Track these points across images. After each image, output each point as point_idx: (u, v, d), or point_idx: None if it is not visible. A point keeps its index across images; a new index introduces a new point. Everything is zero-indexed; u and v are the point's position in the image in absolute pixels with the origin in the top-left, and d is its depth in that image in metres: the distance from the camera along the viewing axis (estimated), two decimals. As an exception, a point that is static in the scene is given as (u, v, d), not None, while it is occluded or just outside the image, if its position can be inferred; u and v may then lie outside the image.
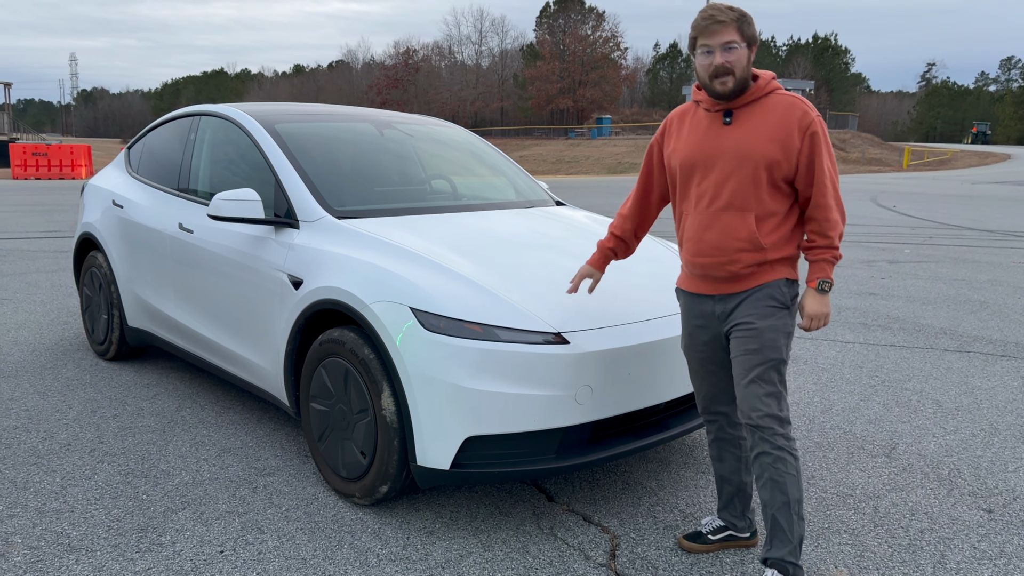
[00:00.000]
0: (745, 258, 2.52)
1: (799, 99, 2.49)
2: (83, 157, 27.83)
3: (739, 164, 2.48)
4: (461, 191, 4.44)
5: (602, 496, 3.26)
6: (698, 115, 2.62)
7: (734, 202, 2.50)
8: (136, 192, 4.76)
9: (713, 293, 2.62)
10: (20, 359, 5.03)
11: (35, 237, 10.79)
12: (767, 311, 2.54)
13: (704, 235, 2.56)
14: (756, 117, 2.49)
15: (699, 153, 2.56)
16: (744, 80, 2.47)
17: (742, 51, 2.44)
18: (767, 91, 2.53)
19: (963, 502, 3.27)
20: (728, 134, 2.52)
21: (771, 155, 2.45)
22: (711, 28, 2.42)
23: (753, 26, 2.48)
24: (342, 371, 3.08)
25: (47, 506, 3.11)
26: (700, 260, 2.59)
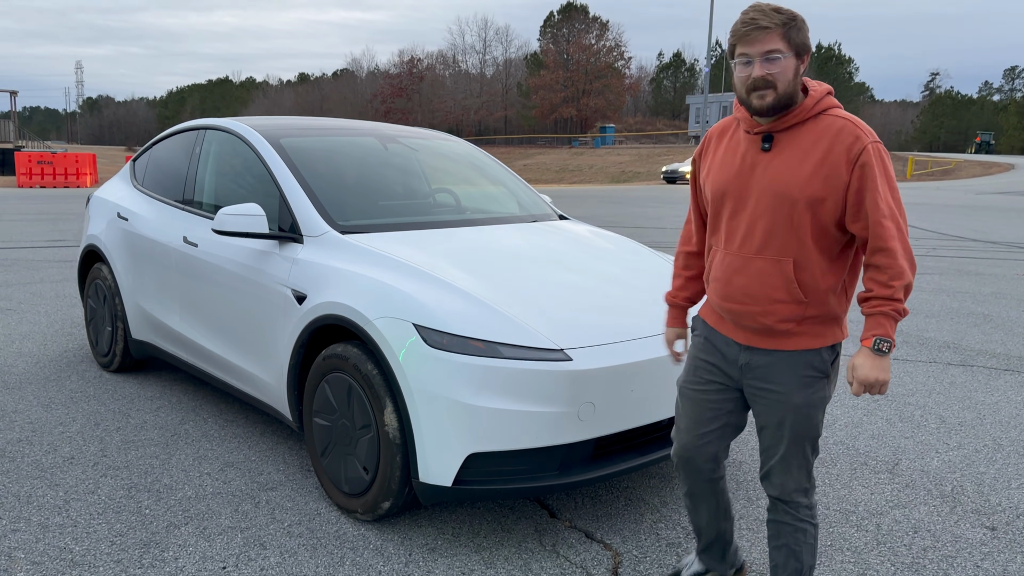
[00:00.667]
0: (782, 310, 2.16)
1: (853, 121, 2.09)
2: (88, 165, 27.93)
3: (776, 203, 2.11)
4: (465, 205, 4.46)
5: (605, 513, 3.26)
6: (737, 135, 2.25)
7: (769, 246, 2.14)
8: (141, 205, 4.79)
9: (741, 341, 2.27)
10: (24, 371, 5.04)
11: (40, 246, 10.83)
12: (805, 382, 2.20)
13: (734, 279, 2.21)
14: (800, 144, 2.10)
15: (732, 183, 2.20)
16: (788, 96, 2.08)
17: (788, 62, 2.06)
18: (817, 111, 2.12)
19: (966, 519, 3.27)
20: (765, 164, 2.14)
21: (813, 193, 2.07)
22: (751, 35, 2.05)
23: (804, 32, 2.08)
24: (345, 386, 3.09)
25: (50, 520, 3.11)
26: (729, 306, 2.24)
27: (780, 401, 2.22)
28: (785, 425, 2.23)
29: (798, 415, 2.22)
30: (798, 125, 2.13)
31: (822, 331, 2.20)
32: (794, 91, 2.09)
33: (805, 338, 2.19)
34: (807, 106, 2.11)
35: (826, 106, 2.13)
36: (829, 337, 2.22)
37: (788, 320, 2.17)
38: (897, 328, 6.56)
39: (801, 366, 2.20)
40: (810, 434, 2.25)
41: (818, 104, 2.12)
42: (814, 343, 2.19)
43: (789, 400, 2.21)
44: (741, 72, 2.10)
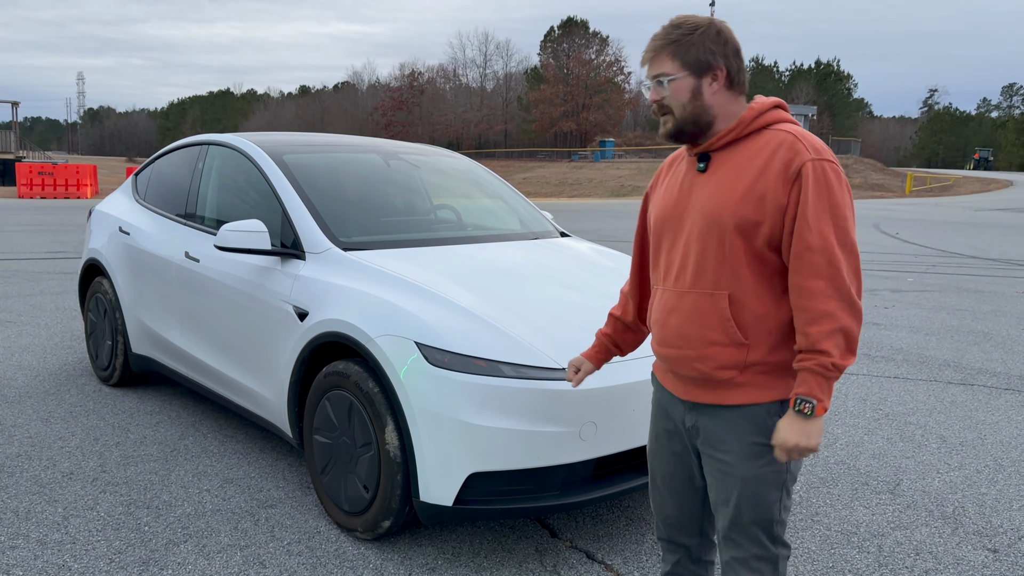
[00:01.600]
0: (719, 355, 1.85)
1: (797, 135, 1.82)
2: (89, 177, 27.97)
3: (706, 228, 1.86)
4: (466, 222, 4.47)
5: (606, 533, 3.25)
6: (684, 160, 2.02)
7: (701, 278, 1.87)
8: (143, 219, 4.79)
9: (682, 397, 1.98)
10: (24, 384, 5.03)
11: (40, 258, 10.83)
12: (751, 450, 1.87)
13: (668, 319, 1.93)
14: (736, 162, 1.86)
15: (670, 211, 1.97)
16: (692, 121, 1.86)
17: (681, 83, 1.84)
18: (758, 124, 1.87)
19: (968, 541, 3.26)
20: (700, 185, 1.91)
21: (745, 215, 1.80)
22: (644, 59, 1.90)
23: (701, 44, 1.83)
24: (346, 404, 3.08)
25: (49, 537, 3.10)
26: (663, 351, 1.97)
27: (726, 473, 1.89)
28: (731, 503, 1.90)
29: (745, 492, 1.87)
30: (736, 142, 1.88)
31: (771, 382, 1.86)
32: (698, 113, 1.85)
33: (751, 389, 1.86)
34: (745, 119, 1.86)
35: (771, 120, 1.87)
36: (780, 389, 1.86)
37: (727, 367, 1.85)
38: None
39: (747, 428, 1.86)
40: (763, 518, 1.88)
41: (760, 117, 1.87)
42: (762, 396, 1.86)
43: (734, 473, 1.88)
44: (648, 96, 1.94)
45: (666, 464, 2.10)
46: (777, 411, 1.86)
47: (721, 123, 1.88)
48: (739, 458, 1.88)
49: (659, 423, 2.11)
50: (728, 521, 1.92)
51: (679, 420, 2.01)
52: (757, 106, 1.89)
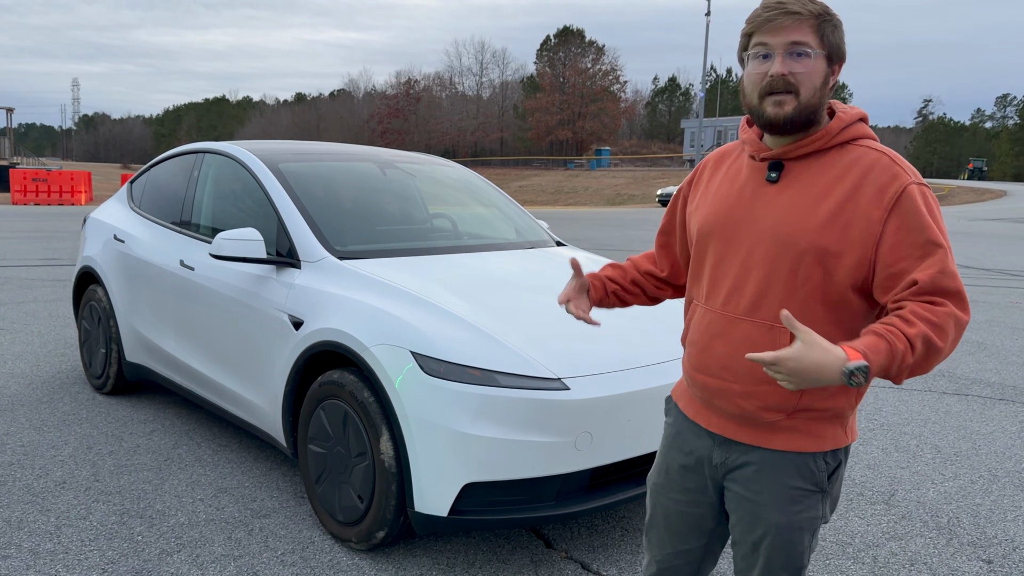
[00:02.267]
0: (768, 395, 1.65)
1: (891, 156, 1.60)
2: (83, 183, 27.92)
3: (777, 251, 1.62)
4: (462, 231, 4.47)
5: (601, 543, 3.24)
6: (739, 162, 1.77)
7: (762, 306, 1.64)
8: (138, 227, 4.78)
9: (714, 431, 1.78)
10: (16, 392, 5.01)
11: (34, 265, 10.79)
12: (792, 495, 1.69)
13: (713, 344, 1.72)
14: (819, 178, 1.62)
15: (722, 220, 1.72)
16: (812, 109, 1.60)
17: (817, 63, 1.58)
18: (844, 138, 1.63)
19: (963, 552, 3.26)
20: (769, 200, 1.66)
21: (827, 244, 1.57)
22: (776, 21, 1.57)
23: (841, 33, 1.62)
24: (341, 413, 3.08)
25: (41, 547, 3.08)
26: (702, 379, 1.75)
27: (757, 516, 1.72)
28: (761, 548, 1.74)
29: (778, 538, 1.72)
30: (818, 154, 1.64)
31: (820, 429, 1.68)
32: (819, 105, 1.61)
33: (797, 436, 1.68)
34: (832, 130, 1.63)
35: (856, 134, 1.65)
36: (830, 440, 1.70)
37: (775, 409, 1.66)
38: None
39: (788, 473, 1.69)
40: (791, 564, 1.75)
41: (847, 130, 1.64)
42: (808, 444, 1.68)
43: (767, 517, 1.71)
44: (756, 68, 1.61)
45: (674, 503, 1.88)
46: (827, 462, 1.70)
47: (819, 125, 1.65)
48: (774, 502, 1.70)
49: (673, 457, 1.88)
50: (750, 564, 1.78)
51: (704, 454, 1.81)
52: (844, 116, 1.65)
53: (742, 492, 1.74)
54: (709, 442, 1.79)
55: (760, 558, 1.75)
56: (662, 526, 1.93)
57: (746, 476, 1.73)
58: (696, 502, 1.85)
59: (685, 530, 1.89)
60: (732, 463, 1.75)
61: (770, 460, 1.70)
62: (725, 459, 1.77)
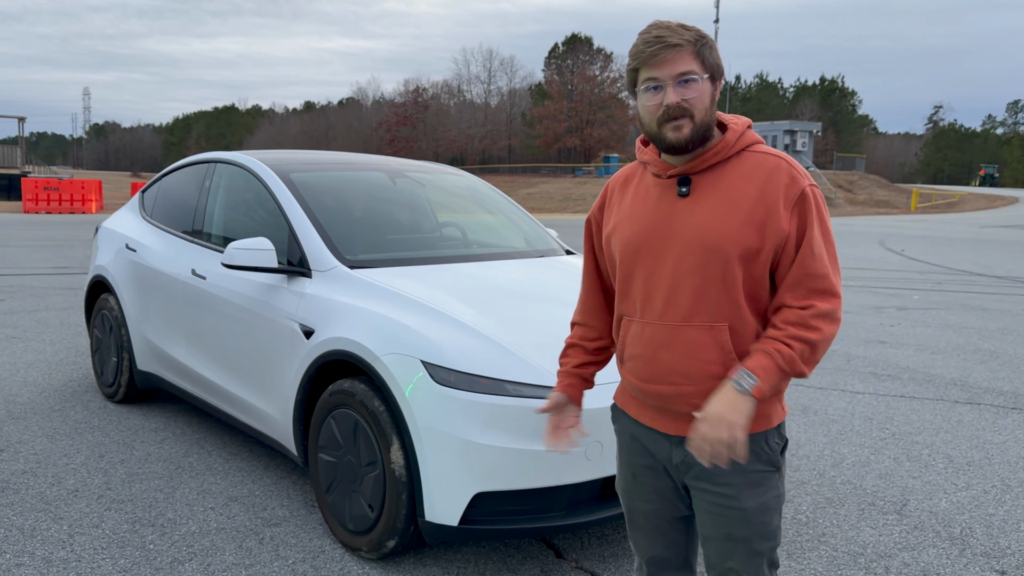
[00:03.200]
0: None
1: (787, 160, 1.79)
2: (94, 192, 28.09)
3: (705, 258, 1.75)
4: (472, 239, 4.48)
5: (611, 553, 3.24)
6: (646, 181, 1.89)
7: (700, 310, 1.76)
8: (149, 236, 4.81)
9: (671, 432, 1.86)
10: (29, 400, 5.04)
11: (45, 273, 10.86)
12: (755, 478, 1.81)
13: (659, 354, 1.81)
14: (726, 186, 1.77)
15: (645, 237, 1.83)
16: (706, 127, 1.75)
17: (703, 85, 1.73)
18: (740, 146, 1.80)
19: (975, 563, 3.23)
20: (685, 212, 1.79)
21: (748, 244, 1.74)
22: (660, 55, 1.71)
23: (716, 52, 1.77)
24: (351, 422, 3.08)
25: (54, 555, 3.10)
26: (654, 388, 1.83)
27: (728, 507, 1.81)
28: (735, 537, 1.82)
29: (751, 524, 1.81)
30: (720, 164, 1.79)
31: (766, 409, 1.80)
32: (711, 121, 1.77)
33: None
34: (729, 141, 1.79)
35: (749, 141, 1.82)
36: (775, 416, 1.84)
37: None
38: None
39: (749, 459, 1.78)
40: (767, 546, 1.84)
41: (741, 139, 1.81)
42: (759, 424, 1.79)
43: (739, 505, 1.80)
44: (649, 101, 1.75)
45: (648, 502, 1.96)
46: (775, 436, 1.83)
47: (712, 139, 1.80)
48: (742, 489, 1.79)
49: (635, 460, 1.95)
50: (724, 555, 1.85)
51: (664, 456, 1.89)
52: (737, 127, 1.81)
53: (708, 488, 1.82)
54: (667, 444, 1.88)
55: (736, 546, 1.83)
56: (644, 527, 2.00)
57: (709, 472, 1.81)
58: (666, 498, 1.93)
59: (664, 525, 1.97)
60: (692, 460, 1.83)
61: None
62: (684, 457, 1.85)
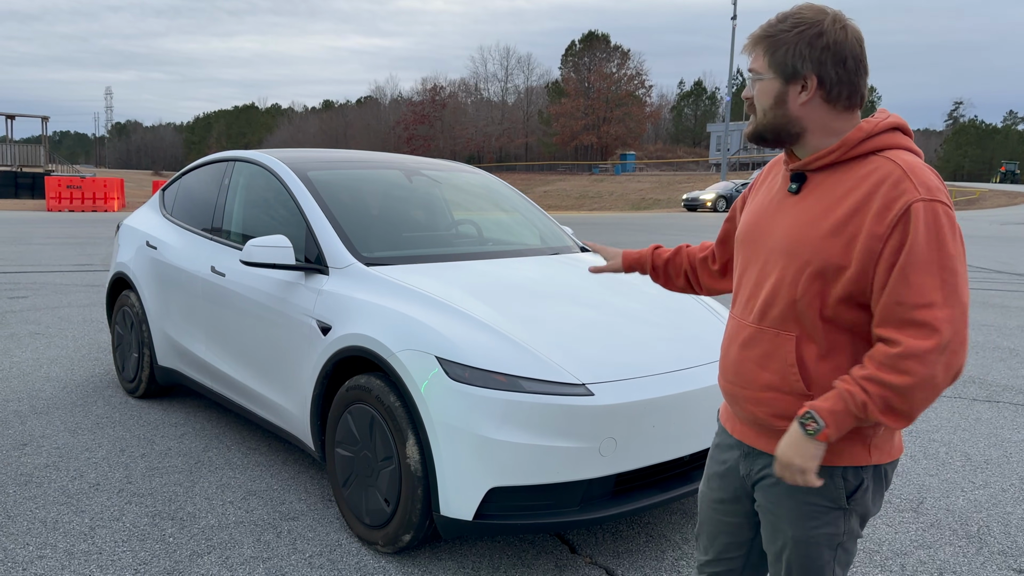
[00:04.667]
0: (776, 402, 1.67)
1: (907, 168, 1.54)
2: (116, 190, 28.40)
3: (784, 261, 1.64)
4: (487, 237, 4.50)
5: (625, 549, 3.25)
6: (782, 172, 1.78)
7: (768, 313, 1.67)
8: (170, 234, 4.87)
9: (738, 437, 1.82)
10: (51, 395, 5.12)
11: (68, 270, 11.00)
12: (806, 510, 1.68)
13: (729, 349, 1.78)
14: (833, 190, 1.61)
15: (751, 227, 1.77)
16: (769, 128, 1.66)
17: (765, 85, 1.64)
18: (865, 149, 1.60)
19: (992, 561, 3.22)
20: (788, 210, 1.68)
21: (829, 257, 1.57)
22: (743, 48, 1.70)
23: (792, 48, 1.60)
24: (368, 418, 3.12)
25: (76, 548, 3.15)
26: (723, 383, 1.82)
27: (776, 528, 1.74)
28: (783, 560, 1.75)
29: (795, 552, 1.72)
30: (839, 165, 1.63)
31: (835, 444, 1.63)
32: (781, 123, 1.65)
33: None
34: (849, 140, 1.61)
35: (882, 145, 1.60)
36: (847, 456, 1.65)
37: (784, 417, 1.66)
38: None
39: (806, 488, 1.66)
40: None
41: (870, 140, 1.60)
42: (828, 459, 1.63)
43: (784, 530, 1.72)
44: None
45: (713, 511, 1.92)
46: (847, 475, 1.66)
47: (817, 138, 1.65)
48: (790, 515, 1.70)
49: (711, 467, 1.92)
50: (777, 573, 1.80)
51: (733, 464, 1.83)
52: (868, 126, 1.62)
53: (763, 503, 1.77)
54: (737, 452, 1.83)
55: (782, 569, 1.77)
56: (706, 533, 1.97)
57: (766, 487, 1.75)
58: (731, 511, 1.87)
59: (725, 540, 1.91)
60: (755, 474, 1.77)
61: None
62: (749, 470, 1.79)
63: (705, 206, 35.18)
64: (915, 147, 1.65)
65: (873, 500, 1.70)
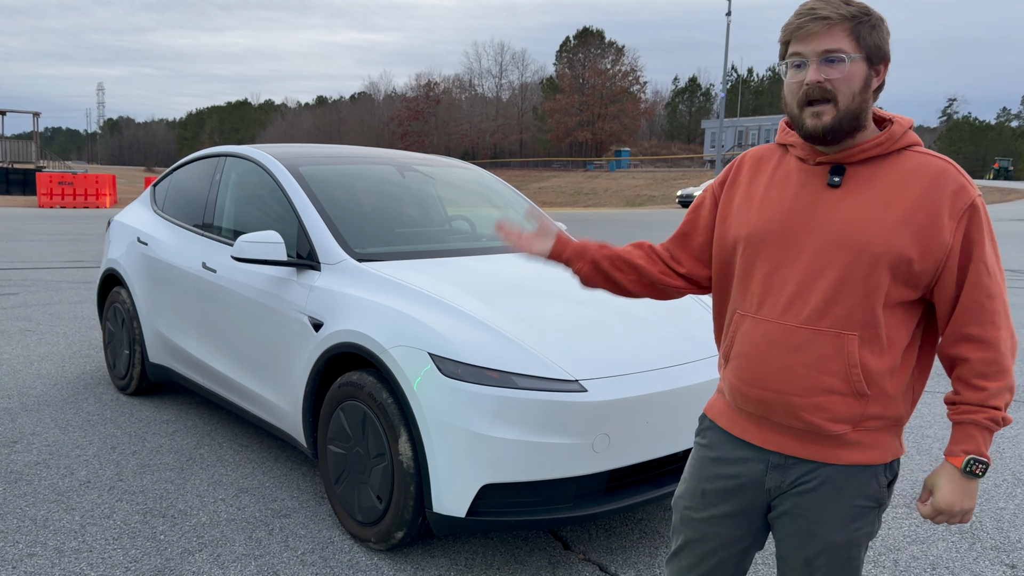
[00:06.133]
0: (835, 405, 1.60)
1: (952, 164, 1.59)
2: (108, 186, 28.30)
3: (850, 257, 1.57)
4: (481, 233, 4.49)
5: (619, 545, 3.24)
6: (786, 165, 1.70)
7: (829, 313, 1.58)
8: (161, 230, 4.84)
9: (768, 447, 1.69)
10: (42, 392, 5.09)
11: (59, 267, 10.95)
12: (854, 512, 1.65)
13: (770, 355, 1.63)
14: (883, 183, 1.58)
15: (779, 227, 1.65)
16: (853, 116, 1.57)
17: (855, 67, 1.54)
18: (903, 144, 1.61)
19: (985, 556, 3.22)
20: (834, 204, 1.61)
21: (900, 247, 1.55)
22: (807, 28, 1.55)
23: (882, 33, 1.57)
24: (360, 414, 3.10)
25: (66, 545, 3.13)
26: (758, 393, 1.66)
27: (812, 534, 1.67)
28: (815, 565, 1.68)
29: (835, 557, 1.67)
30: (878, 159, 1.60)
31: (883, 440, 1.64)
32: (861, 110, 1.57)
33: (862, 449, 1.63)
34: (895, 133, 1.60)
35: (911, 141, 1.62)
36: (890, 450, 1.66)
37: (842, 420, 1.61)
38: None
39: (852, 491, 1.63)
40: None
41: (905, 136, 1.61)
42: (874, 456, 1.63)
43: (825, 535, 1.66)
44: (793, 78, 1.59)
45: (705, 527, 1.79)
46: (884, 472, 1.66)
47: (869, 130, 1.62)
48: (835, 521, 1.65)
49: (707, 474, 1.78)
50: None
51: (751, 478, 1.71)
52: (904, 122, 1.63)
53: (796, 511, 1.68)
54: (760, 466, 1.70)
55: (814, 573, 1.70)
56: (693, 552, 1.83)
57: (802, 493, 1.66)
58: (736, 524, 1.76)
59: (722, 554, 1.80)
60: (788, 481, 1.67)
61: (834, 477, 1.64)
62: (781, 481, 1.68)
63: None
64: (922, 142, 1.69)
65: (888, 493, 1.71)
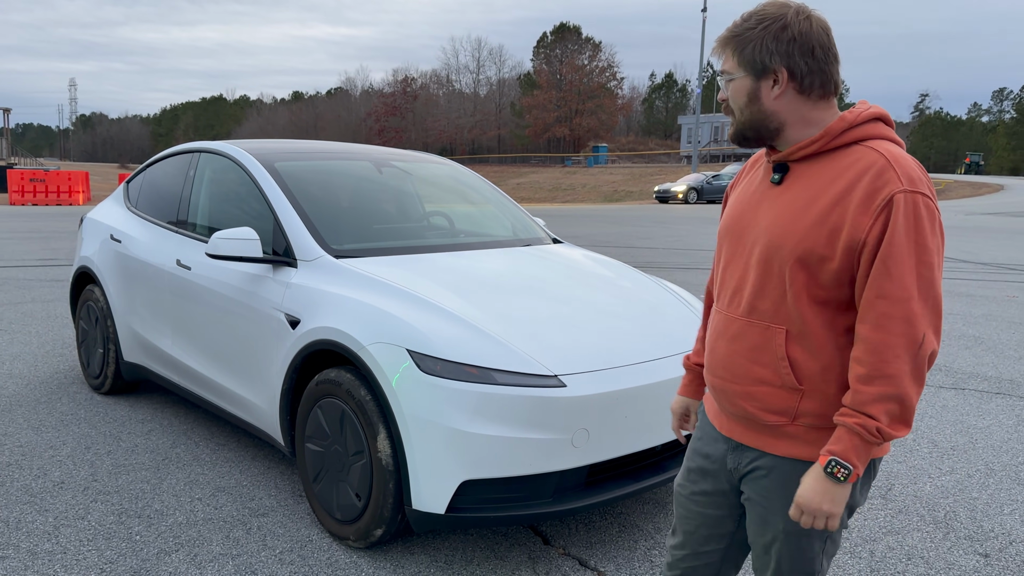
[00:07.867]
0: (767, 396, 1.66)
1: (891, 158, 1.54)
2: (81, 183, 27.89)
3: (768, 253, 1.64)
4: (459, 228, 4.47)
5: (598, 539, 3.25)
6: (764, 165, 1.78)
7: (757, 307, 1.66)
8: (134, 227, 4.78)
9: (725, 433, 1.81)
10: (14, 392, 5.01)
11: (31, 265, 10.78)
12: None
13: (718, 345, 1.75)
14: (816, 180, 1.61)
15: (734, 219, 1.76)
16: (749, 125, 1.67)
17: (738, 83, 1.65)
18: (849, 139, 1.61)
19: (959, 546, 3.27)
20: (772, 200, 1.68)
21: (811, 248, 1.57)
22: (715, 51, 1.72)
23: (759, 44, 1.60)
24: (338, 412, 3.08)
25: (39, 547, 3.08)
26: (709, 379, 1.81)
27: (766, 521, 1.74)
28: (772, 551, 1.76)
29: (786, 544, 1.73)
30: (821, 155, 1.63)
31: (825, 438, 1.64)
32: (759, 119, 1.65)
33: (800, 444, 1.67)
34: (832, 130, 1.60)
35: (866, 134, 1.61)
36: None
37: (776, 412, 1.66)
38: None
39: (794, 481, 1.66)
40: (802, 569, 1.75)
41: (853, 130, 1.61)
42: (811, 453, 1.65)
43: (775, 523, 1.72)
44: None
45: (694, 504, 1.89)
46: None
47: (796, 130, 1.64)
48: (781, 509, 1.70)
49: (694, 460, 1.90)
50: (763, 565, 1.80)
51: (719, 458, 1.82)
52: (851, 116, 1.62)
53: (753, 496, 1.76)
54: (724, 447, 1.81)
55: (771, 561, 1.77)
56: (682, 529, 1.95)
57: (755, 480, 1.74)
58: (715, 503, 1.86)
59: (705, 533, 1.90)
60: (743, 468, 1.77)
61: (776, 467, 1.70)
62: (737, 464, 1.78)
63: (676, 198, 35.40)
64: (897, 137, 1.65)
65: (861, 491, 1.72)
